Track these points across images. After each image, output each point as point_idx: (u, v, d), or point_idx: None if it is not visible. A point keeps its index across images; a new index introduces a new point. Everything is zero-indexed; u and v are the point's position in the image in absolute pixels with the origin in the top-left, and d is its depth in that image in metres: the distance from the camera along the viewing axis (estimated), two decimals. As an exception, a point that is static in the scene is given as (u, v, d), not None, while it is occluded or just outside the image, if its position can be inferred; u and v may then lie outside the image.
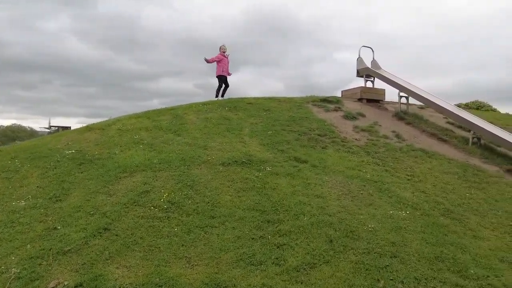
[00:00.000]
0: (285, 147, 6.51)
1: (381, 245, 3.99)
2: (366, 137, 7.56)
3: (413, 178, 5.84)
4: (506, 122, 10.71)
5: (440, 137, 8.09)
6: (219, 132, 6.91)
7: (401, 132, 8.09)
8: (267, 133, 7.04)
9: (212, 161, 5.76)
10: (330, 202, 4.85)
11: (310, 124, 7.84)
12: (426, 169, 6.23)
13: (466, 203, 5.17)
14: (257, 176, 5.41)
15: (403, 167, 6.23)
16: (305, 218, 4.46)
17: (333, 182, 5.39)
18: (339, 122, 8.27)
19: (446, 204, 5.07)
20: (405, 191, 5.34)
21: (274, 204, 4.73)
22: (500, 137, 7.14)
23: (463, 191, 5.55)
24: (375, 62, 10.79)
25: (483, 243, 4.22)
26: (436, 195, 5.33)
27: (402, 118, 9.07)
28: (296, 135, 7.20)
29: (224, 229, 4.21)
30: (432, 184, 5.69)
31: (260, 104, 8.76)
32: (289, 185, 5.22)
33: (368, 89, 10.46)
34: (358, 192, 5.16)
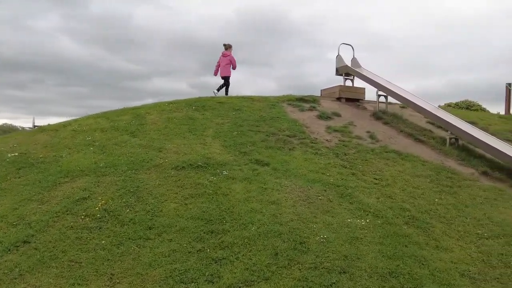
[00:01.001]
0: (249, 149, 6.11)
1: (331, 259, 3.60)
2: (338, 138, 7.17)
3: (380, 182, 5.45)
4: (488, 122, 10.36)
5: (417, 137, 7.71)
6: (180, 133, 6.49)
7: (376, 132, 7.71)
8: (232, 134, 6.63)
9: (164, 164, 5.35)
10: (284, 209, 4.45)
11: (281, 124, 7.44)
12: (396, 172, 5.85)
13: (434, 209, 4.79)
14: (210, 181, 5.01)
15: (372, 170, 5.85)
16: (253, 227, 4.06)
17: (292, 187, 4.99)
18: (312, 122, 7.88)
19: (412, 211, 4.69)
20: (370, 197, 4.95)
21: (223, 212, 4.32)
22: (477, 137, 6.77)
23: (433, 196, 5.16)
24: (355, 60, 10.40)
25: (445, 255, 3.84)
26: (403, 201, 4.95)
27: (380, 118, 8.69)
28: (263, 136, 6.80)
29: (159, 242, 3.80)
30: (400, 188, 5.31)
31: (231, 103, 8.35)
32: (244, 191, 4.82)
33: (347, 88, 10.07)
34: (317, 198, 4.77)
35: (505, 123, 10.63)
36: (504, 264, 3.75)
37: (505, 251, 3.97)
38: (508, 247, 4.06)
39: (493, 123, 10.47)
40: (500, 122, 10.72)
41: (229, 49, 9.70)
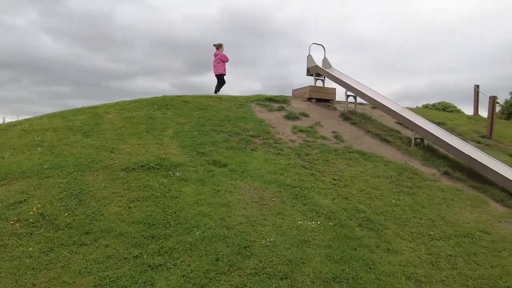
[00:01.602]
0: (208, 149, 5.91)
1: (275, 264, 3.43)
2: (303, 138, 7.05)
3: (339, 183, 5.34)
4: (456, 123, 10.47)
5: (384, 137, 7.68)
6: (136, 133, 6.24)
7: (342, 132, 7.64)
8: (193, 134, 6.42)
9: (114, 166, 5.10)
10: (234, 211, 4.27)
11: (246, 124, 7.28)
12: (357, 173, 5.75)
13: (390, 210, 4.70)
14: (161, 183, 4.78)
15: (332, 171, 5.74)
16: (198, 232, 3.86)
17: (247, 189, 4.82)
18: (278, 122, 7.74)
19: (367, 212, 4.58)
20: (325, 198, 4.82)
21: (168, 216, 4.11)
22: (439, 137, 6.77)
23: (391, 197, 5.08)
24: (326, 60, 10.35)
25: (395, 258, 3.73)
26: (359, 202, 4.84)
27: (348, 118, 8.63)
28: (226, 136, 6.62)
29: (94, 248, 3.56)
30: (358, 189, 5.20)
31: (197, 102, 8.13)
32: (195, 193, 4.62)
33: (317, 88, 10.00)
34: (270, 199, 4.61)
35: (472, 124, 10.78)
36: (452, 266, 3.66)
37: (454, 252, 3.90)
38: (458, 247, 3.99)
39: (461, 124, 10.60)
40: (467, 123, 10.86)
41: (219, 49, 9.77)
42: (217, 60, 9.75)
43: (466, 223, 4.56)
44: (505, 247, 4.07)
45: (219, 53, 9.77)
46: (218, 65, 9.75)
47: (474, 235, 4.29)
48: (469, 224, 4.54)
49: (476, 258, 3.84)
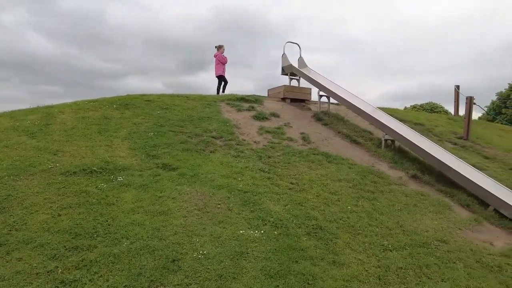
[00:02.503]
0: (160, 152, 5.57)
1: (202, 279, 3.11)
2: (268, 139, 6.74)
3: (296, 187, 5.03)
4: (435, 123, 10.25)
5: (354, 139, 7.39)
6: (87, 134, 5.87)
7: (311, 134, 7.34)
8: (148, 135, 6.07)
9: (53, 169, 4.74)
10: (172, 220, 3.94)
11: (209, 124, 6.94)
12: (317, 176, 5.45)
13: (345, 217, 4.40)
14: (100, 188, 4.44)
15: (291, 174, 5.43)
16: (126, 243, 3.53)
17: (192, 194, 4.49)
18: (246, 122, 7.42)
19: (319, 220, 4.28)
20: (277, 204, 4.51)
21: (98, 225, 3.76)
22: (408, 139, 6.49)
23: (349, 202, 4.78)
24: (301, 59, 10.05)
25: (339, 272, 3.42)
26: (313, 208, 4.53)
27: (320, 119, 8.33)
28: (185, 137, 6.28)
29: (4, 262, 3.20)
30: (315, 194, 4.90)
31: (161, 102, 7.78)
32: (133, 200, 4.28)
33: (291, 88, 9.69)
34: (216, 206, 4.28)
35: (451, 125, 10.56)
36: (400, 280, 3.37)
37: (406, 264, 3.60)
38: (411, 259, 3.69)
39: (440, 125, 10.37)
40: (446, 124, 10.64)
41: (219, 50, 9.90)
42: (216, 61, 9.87)
43: (425, 231, 4.27)
44: (460, 258, 3.79)
45: (218, 54, 9.86)
46: (217, 66, 9.89)
47: (431, 244, 4.00)
48: (428, 233, 4.25)
49: (428, 270, 3.54)
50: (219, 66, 9.92)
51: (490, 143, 9.54)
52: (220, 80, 10.08)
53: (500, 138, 10.35)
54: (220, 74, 9.96)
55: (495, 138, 10.17)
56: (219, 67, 9.92)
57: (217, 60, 9.92)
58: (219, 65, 9.92)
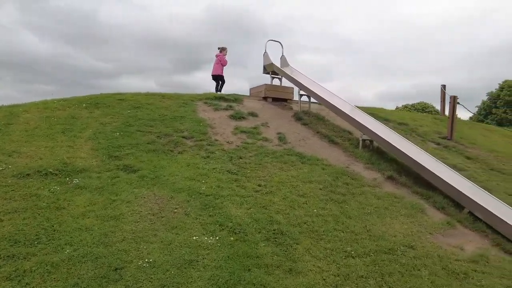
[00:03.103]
0: (124, 153, 5.34)
1: (142, 291, 2.89)
2: (242, 139, 6.52)
3: (263, 189, 4.82)
4: (420, 123, 10.08)
5: (333, 139, 7.19)
6: (49, 134, 5.62)
7: (289, 134, 7.13)
8: (114, 135, 5.83)
9: (5, 171, 4.49)
10: (122, 226, 3.71)
11: (182, 124, 6.71)
12: (288, 178, 5.24)
13: (310, 221, 4.19)
14: (52, 191, 4.20)
15: (261, 176, 5.21)
16: (69, 250, 3.30)
17: (149, 198, 4.27)
18: (221, 122, 7.20)
19: (283, 224, 4.06)
20: (239, 207, 4.29)
21: (42, 230, 3.53)
22: (384, 139, 6.29)
23: (316, 205, 4.57)
24: (284, 58, 9.85)
25: (294, 281, 3.21)
26: (278, 211, 4.32)
27: (300, 119, 8.12)
28: (153, 137, 6.05)
29: None
30: (282, 196, 4.68)
31: (135, 100, 7.54)
32: (86, 203, 4.05)
33: (273, 87, 9.47)
34: (172, 210, 4.06)
35: (437, 125, 10.39)
36: (358, 290, 3.17)
37: (368, 271, 3.40)
38: (373, 266, 3.49)
39: (425, 124, 10.20)
40: (432, 124, 10.47)
41: (222, 52, 9.85)
42: (217, 61, 9.83)
43: (393, 236, 4.07)
44: (426, 264, 3.59)
45: (220, 55, 9.81)
46: (216, 66, 9.84)
47: (397, 250, 3.80)
48: (395, 238, 4.05)
49: (390, 278, 3.34)
50: (218, 66, 9.85)
51: (474, 143, 9.40)
52: (217, 80, 9.98)
53: (484, 138, 10.21)
54: (218, 74, 9.89)
55: (479, 138, 10.03)
56: (218, 67, 9.86)
57: (217, 60, 9.83)
58: (218, 65, 9.85)
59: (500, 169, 7.52)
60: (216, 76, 9.92)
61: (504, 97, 24.16)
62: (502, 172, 7.35)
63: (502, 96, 24.30)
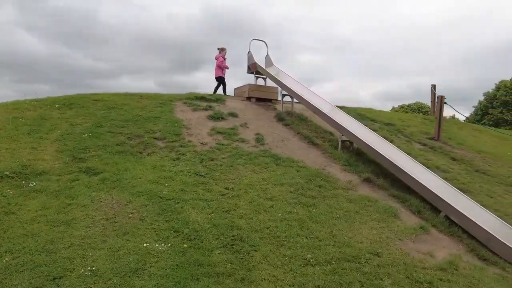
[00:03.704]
0: (90, 155, 5.17)
1: (77, 303, 2.71)
2: (218, 140, 6.34)
3: (230, 193, 4.64)
4: (408, 123, 9.88)
5: (313, 140, 7.00)
6: (14, 135, 5.45)
7: (268, 134, 6.95)
8: (82, 137, 5.65)
9: (-42, 174, 4.33)
10: (72, 231, 3.54)
11: (156, 125, 6.54)
12: (258, 180, 5.06)
13: (273, 226, 4.01)
14: (5, 195, 4.03)
15: (230, 178, 5.03)
16: (8, 257, 3.13)
17: (106, 202, 4.09)
18: (199, 123, 7.02)
19: (243, 229, 3.87)
20: (200, 212, 4.11)
21: (-17, 237, 3.36)
22: (362, 140, 6.11)
23: (283, 209, 4.39)
24: (268, 57, 9.67)
25: (245, 290, 3.03)
26: (241, 216, 4.14)
27: (282, 119, 7.94)
28: (123, 138, 5.87)
29: None
30: (248, 200, 4.50)
31: (111, 101, 7.36)
32: (39, 207, 3.87)
33: (257, 87, 9.30)
34: (127, 215, 3.88)
35: (426, 125, 10.19)
36: (311, 301, 2.98)
37: (325, 281, 3.21)
38: (333, 275, 3.30)
39: (413, 125, 10.01)
40: (420, 124, 10.27)
41: (221, 52, 9.68)
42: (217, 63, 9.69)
43: (359, 243, 3.88)
44: (389, 273, 3.40)
45: (218, 57, 9.65)
46: (217, 68, 9.71)
47: (361, 258, 3.61)
48: (361, 244, 3.86)
49: (348, 289, 3.16)
50: (217, 68, 9.71)
51: (462, 144, 9.20)
52: (219, 82, 9.82)
53: (474, 139, 10.01)
54: (219, 76, 9.74)
55: (468, 139, 9.83)
56: (217, 70, 9.72)
57: (218, 62, 9.68)
58: (217, 68, 9.70)
59: (485, 171, 7.33)
60: (217, 78, 9.80)
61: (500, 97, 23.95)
62: (487, 174, 7.16)
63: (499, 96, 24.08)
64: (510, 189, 6.57)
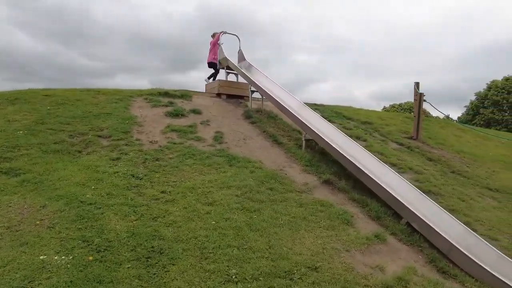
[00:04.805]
0: (18, 154, 4.69)
1: None
2: (170, 139, 5.86)
3: (165, 197, 4.16)
4: (388, 122, 9.44)
5: (277, 139, 6.53)
6: None
7: (230, 133, 6.48)
8: (16, 134, 5.17)
9: None
10: (-41, 242, 3.06)
11: (105, 122, 6.05)
12: (203, 182, 4.59)
13: (203, 236, 3.53)
14: None
15: (171, 180, 4.56)
16: None
17: (16, 206, 3.61)
18: (154, 120, 6.54)
19: (167, 239, 3.40)
20: (123, 219, 3.63)
21: None
22: (323, 138, 5.65)
23: (221, 215, 3.91)
24: (241, 52, 9.19)
25: (144, 314, 2.57)
26: (169, 224, 3.66)
27: (250, 117, 7.48)
28: (64, 136, 5.39)
29: None
30: (184, 205, 4.03)
31: (63, 96, 6.87)
32: None
33: (227, 83, 8.82)
34: (34, 222, 3.40)
35: (406, 124, 9.74)
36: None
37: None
38: (252, 295, 2.84)
39: (393, 123, 9.56)
40: (401, 123, 9.83)
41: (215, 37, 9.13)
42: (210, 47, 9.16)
43: (298, 255, 3.42)
44: (323, 293, 2.95)
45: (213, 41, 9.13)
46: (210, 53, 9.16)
47: (295, 273, 3.14)
48: (300, 256, 3.39)
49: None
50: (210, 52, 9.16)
51: (442, 143, 8.77)
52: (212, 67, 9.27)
53: (456, 138, 9.58)
54: (210, 61, 9.20)
55: (450, 138, 9.40)
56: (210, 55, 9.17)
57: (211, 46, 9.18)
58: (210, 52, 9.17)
59: (462, 172, 6.89)
60: (209, 63, 9.25)
61: (491, 97, 23.54)
62: (463, 175, 6.72)
63: (490, 96, 23.67)
64: (485, 191, 6.15)
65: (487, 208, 5.46)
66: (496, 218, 5.15)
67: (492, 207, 5.59)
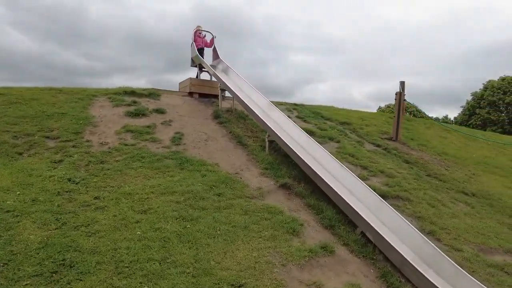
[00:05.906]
0: (-51, 156, 4.39)
1: None
2: (124, 140, 5.54)
3: (97, 203, 3.84)
4: (368, 123, 9.07)
5: (242, 140, 6.19)
6: None
7: (191, 134, 6.16)
8: (-47, 135, 4.88)
9: None
10: None
11: (57, 122, 5.74)
12: (144, 188, 4.27)
13: (123, 248, 3.19)
14: None
15: (109, 185, 4.24)
16: None
17: None
18: (111, 120, 6.21)
19: (82, 251, 3.08)
20: (41, 228, 3.31)
21: None
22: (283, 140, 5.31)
23: (152, 225, 3.57)
24: (214, 50, 8.86)
25: None
26: (91, 234, 3.35)
27: (218, 117, 7.15)
28: (8, 137, 5.08)
29: None
30: (114, 213, 3.70)
31: (18, 96, 6.55)
32: None
33: (199, 82, 8.49)
34: None
35: (389, 124, 9.34)
36: None
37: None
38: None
39: (373, 124, 9.19)
40: (383, 123, 9.46)
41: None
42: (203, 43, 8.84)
43: (224, 270, 3.09)
44: (239, 315, 2.62)
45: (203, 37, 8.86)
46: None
47: (216, 291, 2.82)
48: (226, 272, 3.06)
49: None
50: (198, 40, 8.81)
51: (424, 145, 8.40)
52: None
53: (440, 140, 9.20)
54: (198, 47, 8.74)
55: (434, 140, 9.02)
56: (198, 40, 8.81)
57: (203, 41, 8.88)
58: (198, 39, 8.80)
59: (439, 175, 6.53)
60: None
61: (487, 97, 23.07)
62: (439, 179, 6.36)
63: (486, 96, 23.20)
64: (459, 196, 5.79)
65: (457, 215, 5.11)
66: (465, 226, 4.80)
67: (463, 213, 5.23)
